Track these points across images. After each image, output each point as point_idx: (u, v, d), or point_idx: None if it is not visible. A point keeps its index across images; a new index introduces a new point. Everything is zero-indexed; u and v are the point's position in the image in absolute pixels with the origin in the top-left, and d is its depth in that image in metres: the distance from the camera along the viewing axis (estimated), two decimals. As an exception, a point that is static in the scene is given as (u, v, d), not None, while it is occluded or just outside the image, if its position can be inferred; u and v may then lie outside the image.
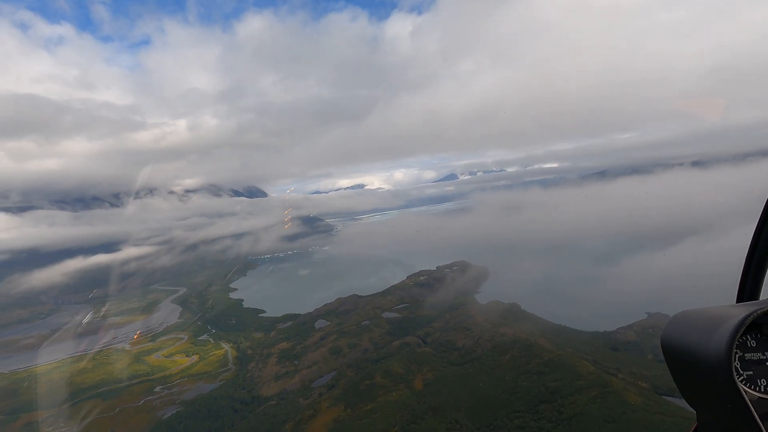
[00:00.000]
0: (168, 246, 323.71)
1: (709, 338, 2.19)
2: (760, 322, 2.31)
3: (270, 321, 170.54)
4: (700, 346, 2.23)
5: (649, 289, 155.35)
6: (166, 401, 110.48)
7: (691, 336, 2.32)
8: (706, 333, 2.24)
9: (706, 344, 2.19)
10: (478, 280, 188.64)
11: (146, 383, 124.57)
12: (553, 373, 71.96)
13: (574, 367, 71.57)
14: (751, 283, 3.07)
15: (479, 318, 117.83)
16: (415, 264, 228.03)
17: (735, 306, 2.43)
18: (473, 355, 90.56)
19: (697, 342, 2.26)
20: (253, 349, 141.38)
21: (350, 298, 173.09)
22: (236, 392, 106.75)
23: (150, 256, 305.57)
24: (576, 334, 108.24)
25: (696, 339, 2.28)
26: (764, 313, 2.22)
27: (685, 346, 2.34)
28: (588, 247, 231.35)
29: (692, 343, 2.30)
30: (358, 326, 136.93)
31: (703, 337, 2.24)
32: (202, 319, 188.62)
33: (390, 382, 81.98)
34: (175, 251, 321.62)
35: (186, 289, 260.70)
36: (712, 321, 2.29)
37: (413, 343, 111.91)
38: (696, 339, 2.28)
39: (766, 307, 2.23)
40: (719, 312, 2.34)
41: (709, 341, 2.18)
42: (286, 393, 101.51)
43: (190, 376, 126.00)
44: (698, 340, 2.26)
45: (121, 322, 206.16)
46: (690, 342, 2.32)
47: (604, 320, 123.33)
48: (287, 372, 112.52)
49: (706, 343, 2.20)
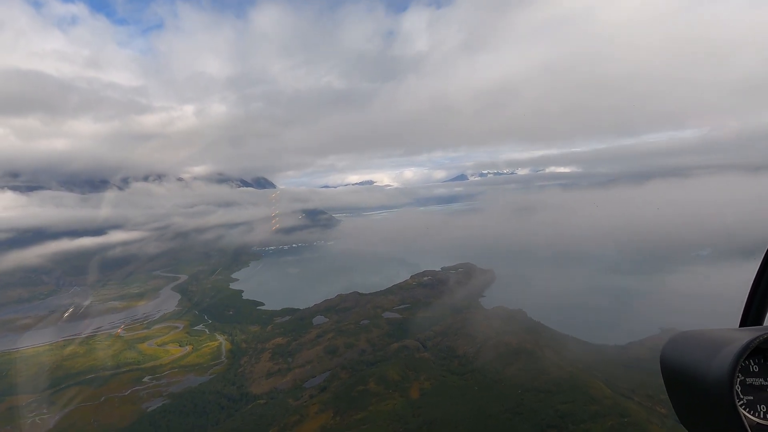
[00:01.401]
0: (171, 232, 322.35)
1: (711, 360, 2.15)
2: (765, 348, 2.27)
3: (268, 314, 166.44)
4: (702, 367, 2.18)
5: (663, 303, 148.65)
6: (153, 393, 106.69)
7: (693, 357, 2.27)
8: (708, 355, 2.19)
9: (708, 366, 2.14)
10: (484, 283, 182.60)
11: (136, 372, 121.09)
12: (563, 393, 65.85)
13: (587, 388, 65.41)
14: (756, 308, 3.03)
15: (483, 324, 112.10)
16: (420, 263, 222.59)
17: (738, 330, 2.39)
18: (475, 365, 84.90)
19: (699, 363, 2.21)
20: (247, 342, 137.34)
21: (351, 295, 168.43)
22: (225, 388, 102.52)
23: (153, 241, 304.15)
24: (584, 347, 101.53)
25: (697, 360, 2.23)
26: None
27: (686, 367, 2.28)
28: (599, 256, 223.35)
29: (693, 364, 2.25)
30: (357, 325, 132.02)
31: (705, 359, 2.19)
32: (200, 309, 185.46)
33: (384, 390, 76.78)
34: (178, 238, 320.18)
35: (187, 277, 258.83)
36: (714, 343, 2.24)
37: (412, 346, 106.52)
38: (697, 360, 2.23)
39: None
40: (723, 334, 2.30)
41: (710, 363, 2.14)
42: (276, 392, 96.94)
43: (181, 368, 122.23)
44: (700, 362, 2.21)
45: (119, 306, 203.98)
46: (691, 363, 2.26)
47: (615, 334, 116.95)
48: (279, 370, 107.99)
49: (707, 364, 2.15)
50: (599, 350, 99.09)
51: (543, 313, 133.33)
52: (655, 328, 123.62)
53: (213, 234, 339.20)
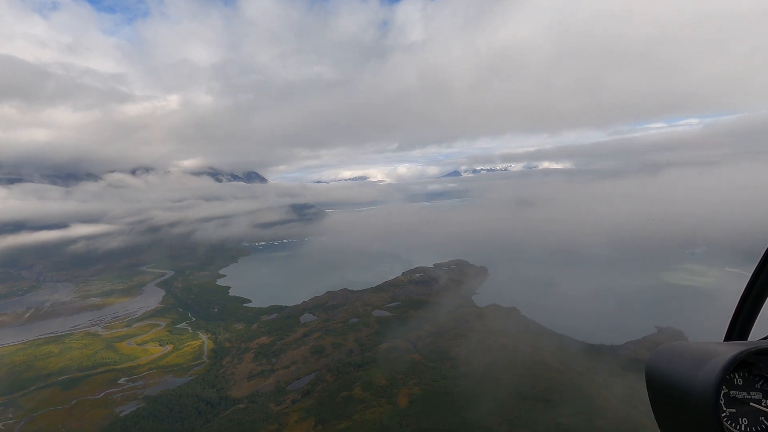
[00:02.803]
0: (157, 227, 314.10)
1: (697, 372, 2.18)
2: (750, 361, 2.31)
3: (254, 312, 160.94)
4: (687, 379, 2.20)
5: (658, 301, 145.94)
6: (128, 395, 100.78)
7: (679, 368, 2.30)
8: (694, 367, 2.22)
9: (694, 378, 2.17)
10: (477, 280, 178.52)
11: (111, 373, 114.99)
12: (565, 403, 60.93)
13: (591, 398, 60.61)
14: (741, 322, 3.08)
15: (476, 323, 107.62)
16: (412, 260, 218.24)
17: (724, 344, 2.41)
18: (468, 368, 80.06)
19: (684, 375, 2.23)
20: (231, 341, 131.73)
21: (341, 292, 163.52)
22: (204, 391, 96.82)
23: (138, 236, 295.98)
24: (581, 348, 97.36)
25: (683, 372, 2.26)
26: (756, 351, 2.21)
27: (671, 378, 2.31)
28: (592, 253, 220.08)
29: (679, 375, 2.27)
30: (345, 324, 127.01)
31: (691, 371, 2.22)
32: (184, 306, 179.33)
33: (370, 396, 71.72)
34: (164, 233, 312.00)
35: (173, 273, 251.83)
36: (701, 355, 2.27)
37: (402, 347, 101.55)
38: (683, 372, 2.26)
39: (759, 346, 2.23)
40: (709, 348, 2.33)
41: (696, 375, 2.17)
42: (257, 395, 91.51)
43: (160, 368, 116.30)
44: (685, 373, 2.24)
45: (101, 303, 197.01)
46: (677, 374, 2.29)
47: (611, 333, 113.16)
48: (262, 371, 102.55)
49: (693, 376, 2.18)
50: (597, 351, 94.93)
51: (536, 311, 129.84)
52: (651, 327, 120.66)
53: (201, 229, 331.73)
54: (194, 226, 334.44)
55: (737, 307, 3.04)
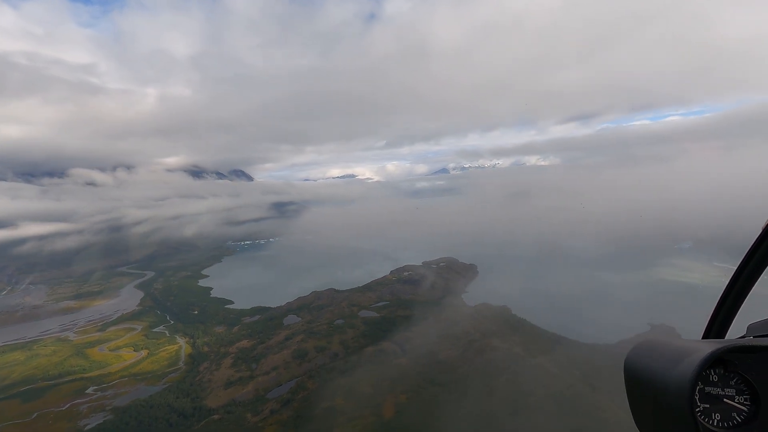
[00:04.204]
0: (137, 226, 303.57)
1: (674, 368, 2.25)
2: (726, 359, 2.38)
3: (236, 314, 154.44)
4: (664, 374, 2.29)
5: (649, 298, 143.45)
6: (95, 407, 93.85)
7: (656, 364, 2.38)
8: (671, 363, 2.30)
9: (670, 373, 2.25)
10: (466, 278, 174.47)
11: (79, 382, 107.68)
12: (568, 415, 56.08)
13: (597, 411, 55.95)
14: (720, 321, 3.19)
15: (467, 324, 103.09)
16: (401, 258, 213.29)
17: (702, 341, 2.48)
18: (458, 373, 75.15)
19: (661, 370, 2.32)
20: (210, 345, 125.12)
21: (327, 292, 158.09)
22: (177, 400, 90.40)
23: (116, 235, 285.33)
24: (576, 349, 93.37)
25: (661, 367, 2.34)
26: (732, 349, 2.29)
27: (648, 373, 2.39)
28: (580, 249, 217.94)
29: (656, 371, 2.35)
30: (330, 325, 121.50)
31: (668, 366, 2.30)
32: (162, 308, 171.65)
33: (353, 406, 66.42)
34: (144, 232, 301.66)
35: (154, 273, 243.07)
36: (678, 352, 2.35)
37: (389, 350, 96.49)
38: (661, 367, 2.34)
39: (735, 344, 2.31)
40: (686, 344, 2.41)
41: (672, 371, 2.25)
42: (234, 405, 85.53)
43: (132, 376, 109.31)
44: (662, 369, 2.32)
45: (75, 306, 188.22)
46: (654, 370, 2.37)
47: (603, 331, 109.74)
48: (241, 378, 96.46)
49: (669, 372, 2.26)
50: (592, 351, 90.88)
51: (527, 310, 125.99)
52: (644, 325, 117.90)
53: (183, 228, 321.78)
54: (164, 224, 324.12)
55: (716, 305, 3.13)
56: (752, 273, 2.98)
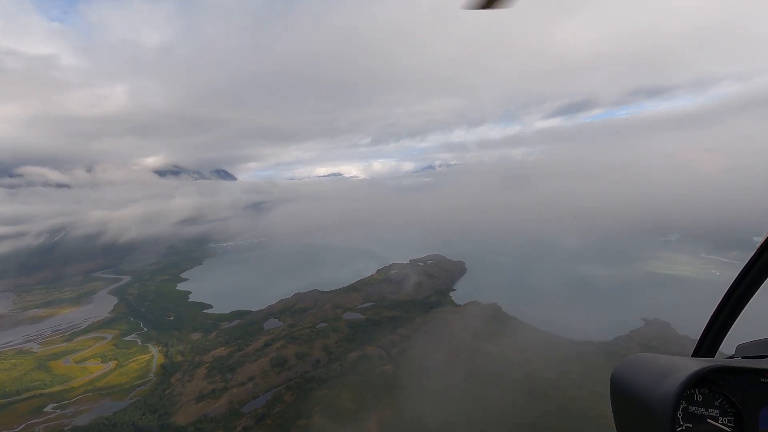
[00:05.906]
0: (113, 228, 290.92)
1: (659, 384, 2.24)
2: (711, 378, 2.35)
3: (214, 319, 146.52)
4: (649, 390, 2.27)
5: (640, 292, 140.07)
6: (53, 427, 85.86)
7: (642, 380, 2.37)
8: (656, 379, 2.29)
9: (655, 390, 2.24)
10: (455, 276, 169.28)
11: (38, 399, 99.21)
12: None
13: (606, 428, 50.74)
14: (710, 340, 3.14)
15: (456, 325, 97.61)
16: (388, 256, 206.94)
17: (690, 359, 2.49)
18: (448, 381, 69.30)
19: (646, 386, 2.30)
20: (184, 354, 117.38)
21: (310, 294, 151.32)
22: (143, 417, 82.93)
23: (91, 238, 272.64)
24: (570, 348, 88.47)
25: (646, 383, 2.32)
26: (717, 369, 2.27)
27: (634, 388, 2.37)
28: (567, 243, 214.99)
29: (641, 385, 2.34)
30: (313, 329, 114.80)
31: (653, 383, 2.28)
32: (136, 314, 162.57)
33: (332, 424, 60.14)
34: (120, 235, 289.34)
35: (130, 278, 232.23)
36: (664, 369, 2.33)
37: (374, 355, 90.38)
38: (646, 383, 2.32)
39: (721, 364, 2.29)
40: (674, 361, 2.40)
41: (657, 387, 2.23)
42: (205, 420, 78.52)
43: (96, 391, 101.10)
44: (648, 385, 2.30)
45: (42, 314, 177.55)
46: (639, 384, 2.35)
47: (597, 327, 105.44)
48: (214, 390, 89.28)
49: (654, 389, 2.24)
50: (588, 350, 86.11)
51: (518, 307, 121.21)
52: (638, 320, 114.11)
53: (162, 230, 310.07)
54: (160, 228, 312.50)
55: (708, 323, 3.06)
56: (745, 292, 2.92)
